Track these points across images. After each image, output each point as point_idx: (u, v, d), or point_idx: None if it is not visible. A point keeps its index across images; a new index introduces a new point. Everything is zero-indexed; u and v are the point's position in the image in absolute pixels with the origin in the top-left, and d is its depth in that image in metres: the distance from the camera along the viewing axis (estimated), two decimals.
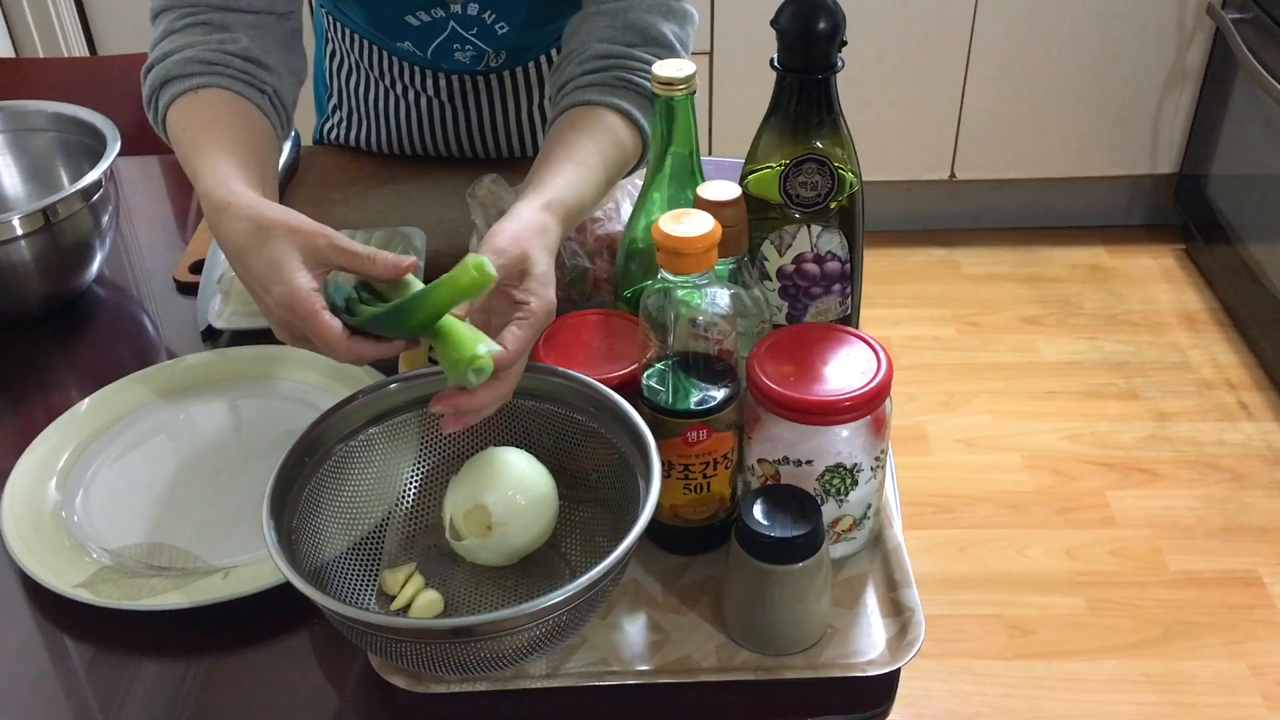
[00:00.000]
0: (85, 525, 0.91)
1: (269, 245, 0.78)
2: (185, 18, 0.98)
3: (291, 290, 0.76)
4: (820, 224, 0.86)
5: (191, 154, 0.88)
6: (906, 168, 2.61)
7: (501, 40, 1.17)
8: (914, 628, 0.80)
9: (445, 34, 1.16)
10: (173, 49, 0.96)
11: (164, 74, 0.95)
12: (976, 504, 2.07)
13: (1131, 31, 2.45)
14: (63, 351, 1.12)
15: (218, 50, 0.95)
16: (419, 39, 1.17)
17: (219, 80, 0.94)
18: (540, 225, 0.83)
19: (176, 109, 0.93)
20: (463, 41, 1.16)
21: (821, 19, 0.80)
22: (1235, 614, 1.85)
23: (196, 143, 0.89)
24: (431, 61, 1.21)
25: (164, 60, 0.95)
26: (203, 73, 0.94)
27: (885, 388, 0.80)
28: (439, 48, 1.18)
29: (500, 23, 1.15)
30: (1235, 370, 2.34)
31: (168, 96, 0.94)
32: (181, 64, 0.94)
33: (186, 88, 0.93)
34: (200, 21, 0.97)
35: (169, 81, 0.94)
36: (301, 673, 0.81)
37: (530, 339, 0.78)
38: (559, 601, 0.69)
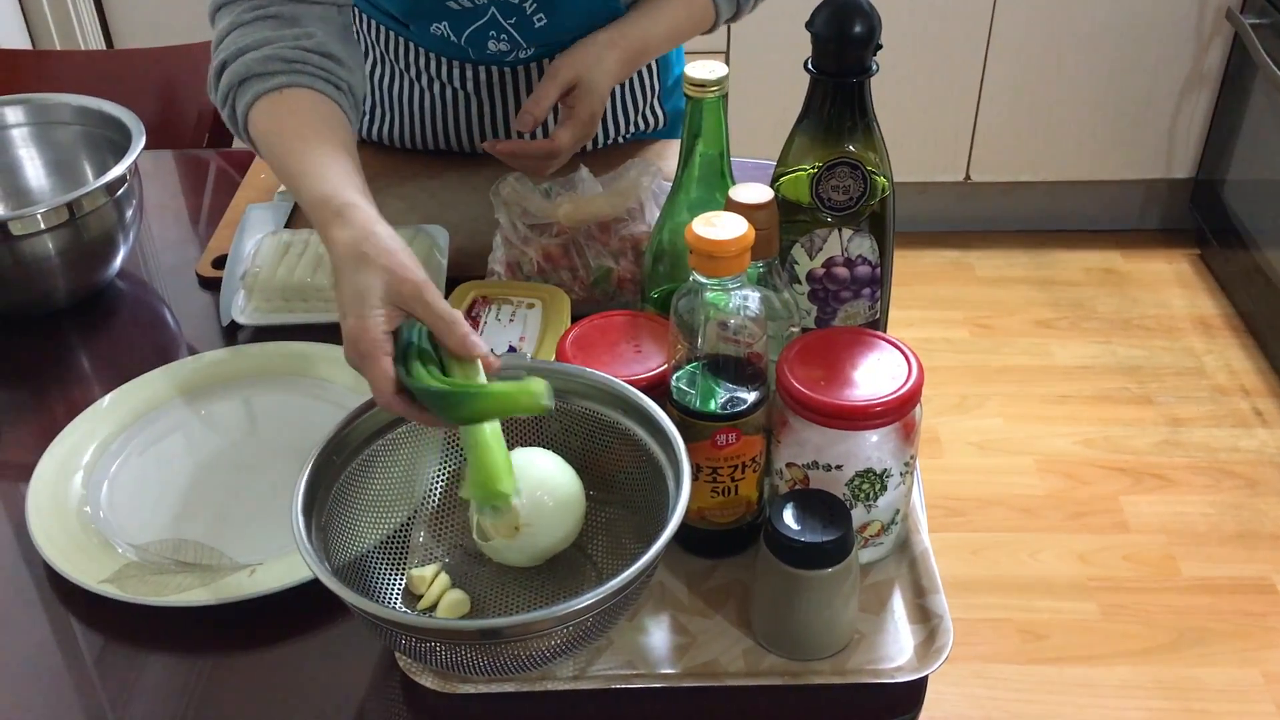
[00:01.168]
0: (110, 520, 0.90)
1: (361, 273, 0.77)
2: (253, 10, 0.96)
3: (363, 328, 0.76)
4: (851, 228, 0.86)
5: (289, 158, 0.88)
6: (921, 169, 2.60)
7: (537, 33, 1.17)
8: (942, 634, 0.80)
9: (484, 20, 1.16)
10: (247, 44, 0.95)
11: (243, 71, 0.93)
12: (989, 507, 2.06)
13: (1149, 35, 2.44)
14: (85, 346, 1.12)
15: (296, 47, 0.94)
16: (456, 22, 1.17)
17: (302, 79, 0.93)
18: (597, 55, 1.09)
19: (262, 109, 0.92)
20: (499, 30, 1.16)
21: (857, 22, 0.80)
22: (1249, 621, 1.84)
23: (294, 147, 0.88)
24: (462, 50, 1.20)
25: (241, 56, 0.94)
26: (285, 71, 0.93)
27: (916, 393, 0.79)
28: (474, 34, 1.17)
29: (540, 14, 1.15)
30: (1250, 376, 2.33)
31: (249, 95, 0.93)
32: (262, 61, 0.93)
33: (270, 87, 0.92)
34: (270, 15, 0.96)
35: (249, 80, 0.93)
36: (325, 671, 0.81)
37: (575, 133, 1.08)
38: (588, 605, 0.68)
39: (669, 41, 1.17)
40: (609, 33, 1.12)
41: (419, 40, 1.24)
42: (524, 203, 1.09)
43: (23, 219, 1.06)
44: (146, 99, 1.64)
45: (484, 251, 1.11)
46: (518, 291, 1.04)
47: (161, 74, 1.67)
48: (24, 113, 1.23)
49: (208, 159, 1.46)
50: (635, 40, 1.13)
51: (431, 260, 1.13)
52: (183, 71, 1.67)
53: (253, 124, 0.93)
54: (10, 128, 1.22)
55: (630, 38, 1.13)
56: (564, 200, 1.08)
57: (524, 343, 0.98)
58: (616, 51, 1.11)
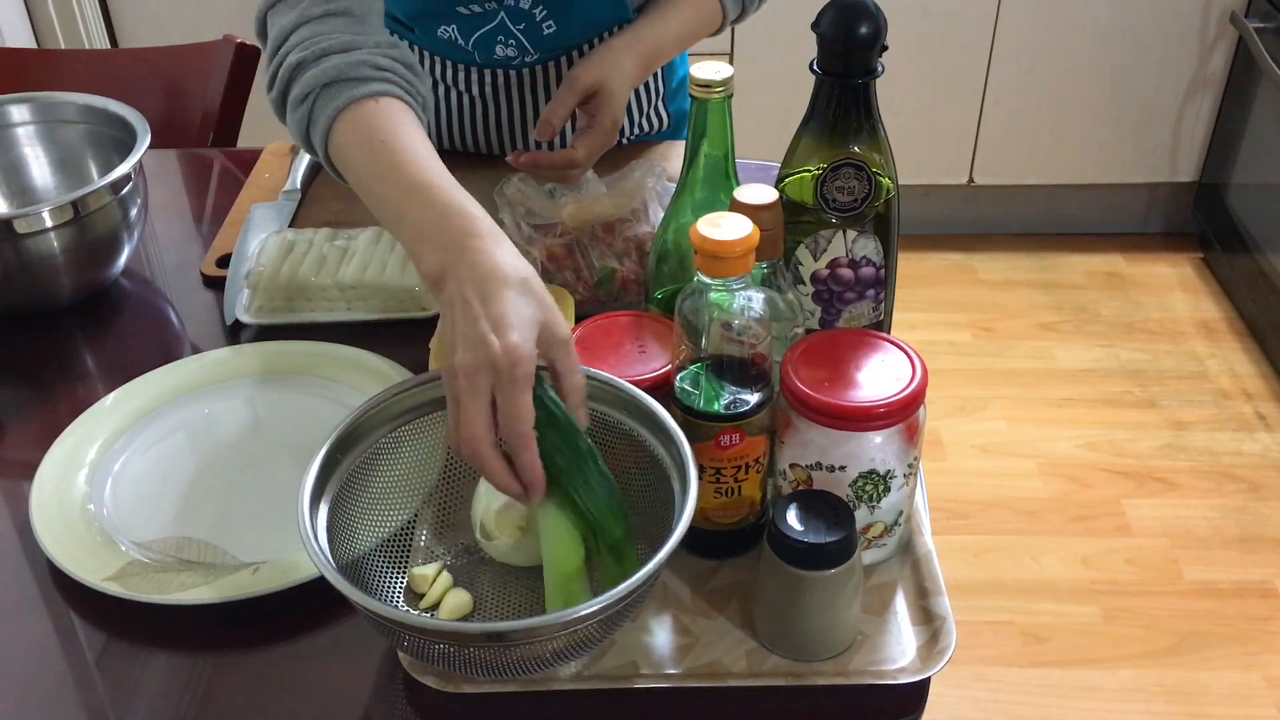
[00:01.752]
0: (114, 518, 0.91)
1: (525, 297, 0.73)
2: (322, 4, 0.92)
3: (526, 350, 0.71)
4: (856, 229, 0.86)
5: (403, 168, 0.82)
6: (925, 172, 2.60)
7: (544, 39, 1.18)
8: (945, 636, 0.80)
9: (493, 24, 1.16)
10: (330, 46, 0.90)
11: (334, 73, 0.88)
12: (992, 510, 2.06)
13: (1153, 39, 2.44)
14: (89, 344, 1.12)
15: (386, 55, 0.90)
16: (465, 26, 1.17)
17: (394, 89, 0.89)
18: (615, 61, 1.10)
19: (355, 115, 0.87)
20: (508, 35, 1.17)
21: (863, 24, 0.80)
22: (1251, 625, 1.84)
23: (410, 157, 0.83)
24: (468, 54, 1.20)
25: (324, 58, 0.89)
26: (377, 79, 0.89)
27: (920, 395, 0.79)
28: (482, 39, 1.18)
29: (549, 21, 1.15)
30: (1253, 380, 2.33)
31: (341, 99, 0.87)
32: (354, 66, 0.88)
33: (365, 93, 0.87)
34: (340, 10, 0.92)
35: (338, 83, 0.88)
36: (328, 669, 0.81)
37: (597, 142, 1.09)
38: (595, 610, 0.68)
39: (681, 44, 1.18)
40: (624, 38, 1.13)
41: (424, 44, 1.24)
42: (528, 203, 1.09)
43: (28, 217, 1.06)
44: (152, 98, 1.64)
45: None
46: None
47: (167, 73, 1.68)
48: (29, 111, 1.23)
49: (212, 158, 1.46)
50: (651, 44, 1.14)
51: None
52: (188, 71, 1.67)
53: (341, 131, 0.87)
54: (16, 126, 1.23)
55: (646, 42, 1.13)
56: (568, 201, 1.08)
57: None
58: (633, 56, 1.12)
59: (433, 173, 0.81)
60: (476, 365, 0.71)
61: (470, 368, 0.71)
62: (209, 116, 1.64)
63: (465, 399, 0.71)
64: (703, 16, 1.18)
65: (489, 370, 0.71)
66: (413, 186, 0.81)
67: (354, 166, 0.87)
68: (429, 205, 0.79)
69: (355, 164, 0.87)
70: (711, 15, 1.18)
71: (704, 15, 1.18)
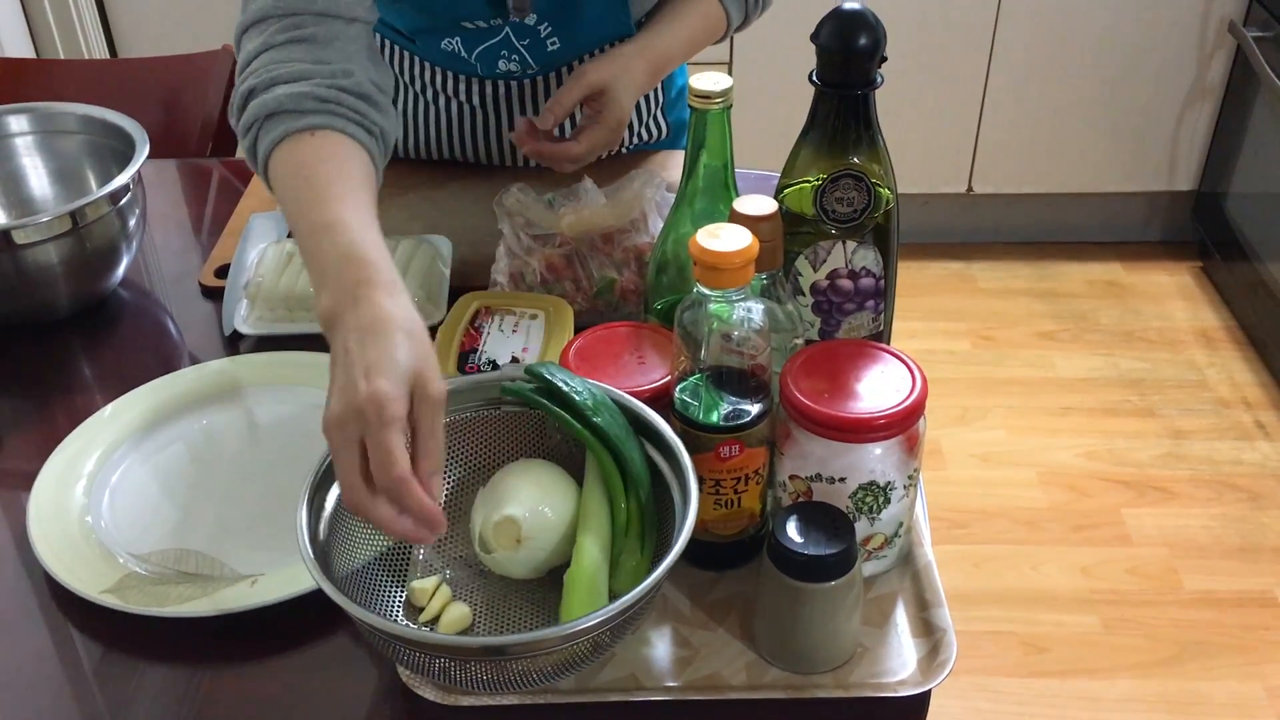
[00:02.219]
0: (112, 530, 0.90)
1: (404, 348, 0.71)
2: (286, 31, 0.92)
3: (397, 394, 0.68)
4: (855, 240, 0.86)
5: (316, 205, 0.81)
6: (924, 181, 2.61)
7: (548, 55, 1.18)
8: (945, 648, 0.79)
9: (497, 39, 1.17)
10: (280, 75, 0.89)
11: (274, 105, 0.88)
12: (991, 519, 2.06)
13: (1152, 48, 2.45)
14: (88, 354, 1.12)
15: (332, 86, 0.89)
16: (469, 40, 1.17)
17: (334, 121, 0.88)
18: (625, 66, 1.10)
19: (288, 148, 0.87)
20: (511, 49, 1.17)
21: (862, 35, 0.80)
22: (1251, 635, 1.84)
23: (323, 195, 0.82)
24: (470, 66, 1.20)
25: (272, 89, 0.89)
26: (318, 110, 0.88)
27: (920, 406, 0.79)
28: (485, 53, 1.18)
29: (553, 38, 1.16)
30: (1252, 389, 2.33)
31: (277, 131, 0.87)
32: (295, 98, 0.88)
33: (302, 126, 0.87)
34: (304, 38, 0.92)
35: (278, 115, 0.88)
36: (326, 682, 0.81)
37: (601, 138, 1.09)
38: (595, 624, 0.68)
39: (688, 53, 1.18)
40: (635, 44, 1.13)
41: (425, 55, 1.24)
42: (527, 213, 1.09)
43: (26, 228, 1.06)
44: (150, 108, 1.65)
45: (487, 262, 1.11)
46: (521, 302, 1.04)
47: (165, 83, 1.68)
48: (28, 121, 1.23)
49: (210, 168, 1.46)
50: (660, 52, 1.14)
51: (434, 270, 1.13)
52: (187, 81, 1.67)
53: (276, 162, 0.87)
54: (14, 136, 1.23)
55: (655, 49, 1.14)
56: (567, 211, 1.08)
57: (527, 354, 0.98)
58: (642, 63, 1.12)
59: (346, 212, 0.79)
60: (344, 414, 0.69)
61: (339, 417, 0.69)
62: (208, 126, 1.64)
63: (338, 449, 0.69)
64: (709, 25, 1.19)
65: (356, 417, 0.69)
66: (322, 225, 0.79)
67: (282, 199, 0.86)
68: (332, 246, 0.77)
69: (283, 197, 0.86)
70: (716, 23, 1.19)
71: (710, 24, 1.19)
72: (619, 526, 0.80)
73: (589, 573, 0.77)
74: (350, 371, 0.70)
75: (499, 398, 0.84)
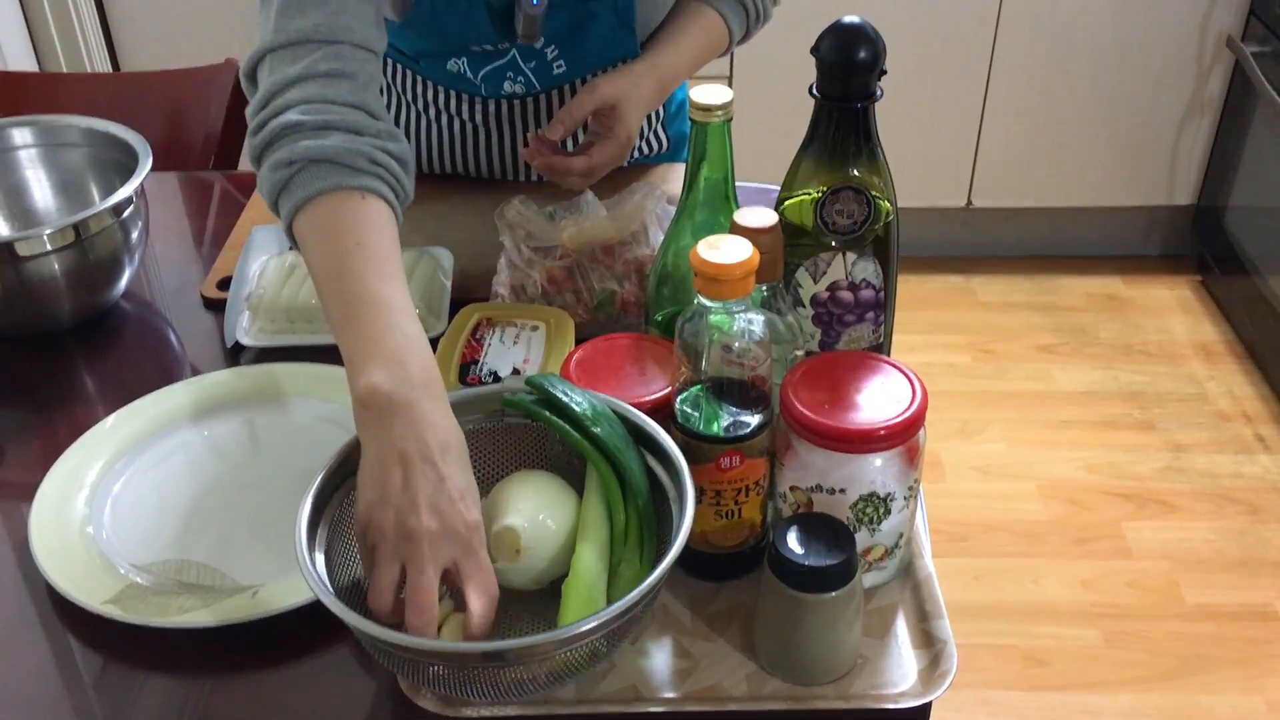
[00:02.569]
0: (113, 541, 0.90)
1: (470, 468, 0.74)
2: (329, 61, 0.88)
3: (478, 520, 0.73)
4: (855, 252, 0.86)
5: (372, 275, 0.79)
6: (923, 195, 2.61)
7: (553, 78, 1.19)
8: (946, 659, 0.79)
9: (503, 61, 1.17)
10: (335, 121, 0.86)
11: (330, 153, 0.84)
12: (991, 533, 2.06)
13: (1151, 62, 2.45)
14: (90, 366, 1.12)
15: (384, 150, 0.87)
16: (475, 63, 1.18)
17: (382, 189, 0.85)
18: (634, 82, 1.11)
19: (340, 203, 0.83)
20: (517, 71, 1.18)
21: (862, 48, 0.80)
22: (1252, 648, 1.84)
23: (383, 268, 0.80)
24: (475, 86, 1.21)
25: (325, 132, 0.85)
26: (370, 173, 0.85)
27: (920, 417, 0.79)
28: (491, 74, 1.19)
29: (559, 61, 1.17)
30: (1252, 403, 2.33)
31: (328, 181, 0.83)
32: (351, 155, 0.84)
33: (355, 185, 0.83)
34: (347, 73, 0.88)
35: (331, 164, 0.84)
36: (326, 692, 0.81)
37: (611, 153, 1.11)
38: (591, 628, 0.68)
39: (692, 69, 1.19)
40: (644, 62, 1.15)
41: (428, 75, 1.24)
42: (528, 226, 1.09)
43: (29, 240, 1.06)
44: (153, 122, 1.65)
45: (488, 274, 1.12)
46: (522, 314, 1.04)
47: (168, 97, 1.68)
48: (32, 134, 1.23)
49: (212, 181, 1.47)
50: (668, 70, 1.15)
51: (435, 282, 1.13)
52: (189, 95, 1.68)
53: (319, 211, 0.83)
54: (18, 149, 1.23)
55: (663, 67, 1.15)
56: (568, 223, 1.08)
57: (528, 365, 0.98)
58: (651, 80, 1.13)
59: (400, 297, 0.79)
60: (443, 532, 0.71)
61: (436, 533, 0.71)
62: (210, 140, 1.65)
63: (425, 564, 0.70)
64: (712, 40, 1.20)
65: (454, 540, 0.71)
66: (380, 301, 0.78)
67: (318, 252, 0.83)
68: (389, 326, 0.77)
69: (321, 250, 0.83)
70: (719, 38, 1.20)
71: (713, 39, 1.20)
72: (617, 535, 0.80)
73: (587, 581, 0.77)
74: (442, 487, 0.72)
75: (500, 409, 0.85)
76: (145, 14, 2.44)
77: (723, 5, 1.19)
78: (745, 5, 1.20)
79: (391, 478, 0.72)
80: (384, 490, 0.72)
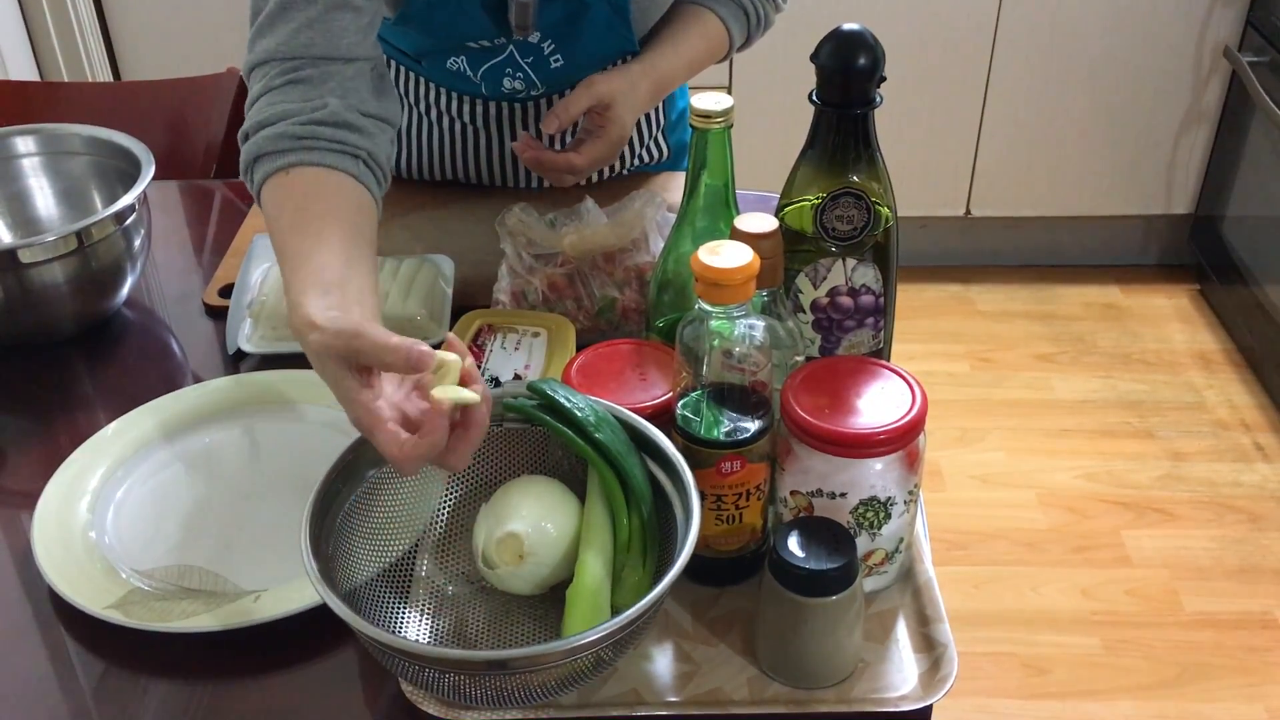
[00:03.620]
0: (115, 546, 0.91)
1: (318, 364, 0.77)
2: (284, 75, 0.94)
3: (350, 405, 0.75)
4: (855, 258, 0.87)
5: (281, 251, 0.85)
6: (922, 204, 2.62)
7: (552, 73, 1.19)
8: (946, 663, 0.80)
9: (501, 58, 1.18)
10: (266, 117, 0.92)
11: (256, 150, 0.91)
12: (991, 541, 2.06)
13: (1148, 72, 2.46)
14: (92, 373, 1.12)
15: (308, 121, 0.91)
16: (473, 60, 1.18)
17: (310, 156, 0.89)
18: (631, 83, 1.12)
19: (269, 190, 0.90)
20: (515, 67, 1.18)
21: (861, 55, 0.81)
22: (1252, 656, 1.84)
23: (287, 241, 0.85)
24: (475, 85, 1.22)
25: (259, 132, 0.91)
26: (293, 149, 0.90)
27: (920, 422, 0.80)
28: (490, 71, 1.19)
29: (557, 55, 1.17)
30: (1250, 411, 2.33)
31: (260, 175, 0.90)
32: (273, 140, 0.90)
33: (277, 167, 0.89)
34: (299, 79, 0.93)
35: (261, 158, 0.91)
36: (329, 697, 0.81)
37: (600, 151, 1.11)
38: (597, 638, 0.68)
39: (689, 73, 1.20)
40: (640, 64, 1.15)
41: (430, 76, 1.25)
42: (529, 233, 1.10)
43: (32, 247, 1.07)
44: (155, 130, 1.66)
45: (489, 281, 1.12)
46: (523, 320, 1.04)
47: (170, 106, 1.69)
48: (35, 142, 1.24)
49: (214, 189, 1.47)
50: (665, 72, 1.16)
51: (437, 289, 1.13)
52: (191, 103, 1.68)
53: (264, 203, 0.91)
54: (21, 157, 1.23)
55: (660, 69, 1.15)
56: (569, 231, 1.09)
57: (529, 371, 0.99)
58: (648, 83, 1.14)
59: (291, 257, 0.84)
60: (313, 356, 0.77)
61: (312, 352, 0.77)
62: (211, 148, 1.65)
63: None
64: (711, 46, 1.20)
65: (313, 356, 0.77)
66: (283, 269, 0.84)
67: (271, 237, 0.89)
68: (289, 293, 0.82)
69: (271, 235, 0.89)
70: (719, 44, 1.21)
71: (712, 45, 1.20)
72: (621, 542, 0.80)
73: (591, 588, 0.77)
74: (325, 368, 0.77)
75: (501, 414, 0.85)
76: (146, 23, 2.45)
77: (723, 9, 1.20)
78: (746, 10, 1.21)
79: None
80: None
